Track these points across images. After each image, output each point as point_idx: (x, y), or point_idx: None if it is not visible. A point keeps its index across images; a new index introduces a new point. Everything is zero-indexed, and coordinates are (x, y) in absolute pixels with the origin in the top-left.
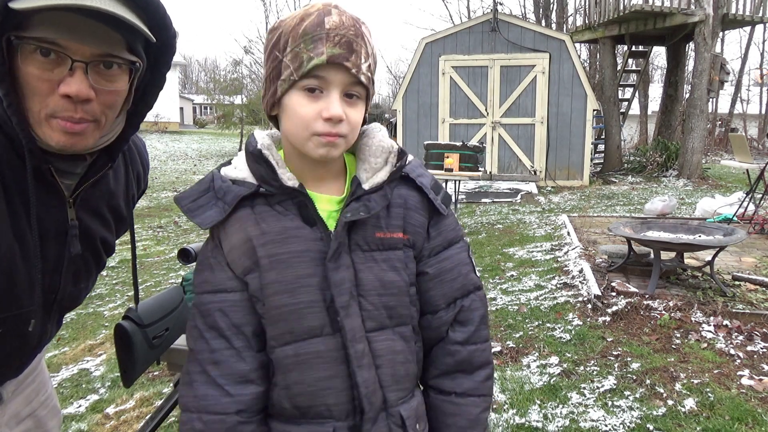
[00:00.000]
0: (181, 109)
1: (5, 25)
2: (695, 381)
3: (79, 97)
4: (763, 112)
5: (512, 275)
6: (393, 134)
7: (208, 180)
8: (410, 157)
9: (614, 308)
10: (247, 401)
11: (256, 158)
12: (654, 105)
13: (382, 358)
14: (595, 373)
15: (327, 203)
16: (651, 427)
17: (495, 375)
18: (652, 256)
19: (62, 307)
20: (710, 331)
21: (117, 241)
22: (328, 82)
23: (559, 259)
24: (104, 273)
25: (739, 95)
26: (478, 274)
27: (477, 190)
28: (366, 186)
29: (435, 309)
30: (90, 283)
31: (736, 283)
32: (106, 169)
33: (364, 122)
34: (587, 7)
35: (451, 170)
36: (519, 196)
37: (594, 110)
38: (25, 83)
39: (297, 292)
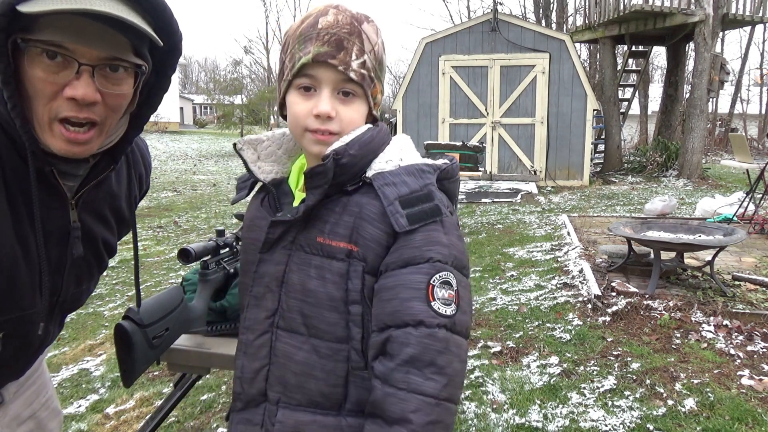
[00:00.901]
0: (181, 109)
1: (12, 27)
2: (695, 381)
3: (86, 101)
4: (763, 112)
5: (512, 275)
6: (393, 134)
7: None
8: (406, 161)
9: (614, 308)
10: None
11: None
12: (654, 105)
13: (276, 358)
14: (595, 373)
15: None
16: (651, 427)
17: (495, 375)
18: (652, 256)
19: (64, 309)
20: (710, 331)
21: (117, 242)
22: (318, 80)
23: (559, 259)
24: (104, 273)
25: (739, 95)
26: (440, 307)
27: (477, 190)
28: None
29: (370, 330)
30: (92, 285)
31: (736, 283)
32: (109, 171)
33: (376, 121)
34: (587, 7)
35: None
36: (519, 196)
37: (594, 110)
38: (30, 85)
39: (245, 274)
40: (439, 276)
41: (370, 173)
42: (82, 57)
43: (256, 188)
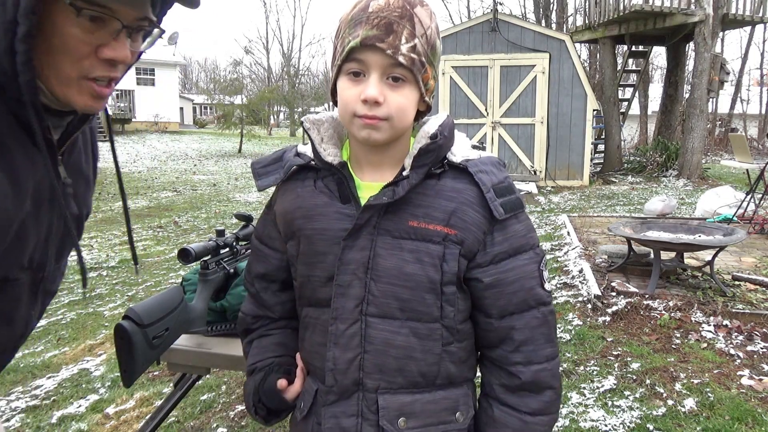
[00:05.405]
0: (181, 109)
1: None
2: (695, 381)
3: (125, 62)
4: (763, 112)
5: None
6: None
7: (282, 151)
8: (482, 153)
9: (614, 308)
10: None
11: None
12: (654, 105)
13: (372, 345)
14: (595, 373)
15: (368, 190)
16: (651, 427)
17: None
18: (652, 256)
19: (45, 291)
20: (710, 331)
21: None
22: (367, 64)
23: (559, 259)
24: (104, 273)
25: (739, 95)
26: (548, 287)
27: None
28: (405, 172)
29: (487, 315)
30: (64, 263)
31: (736, 283)
32: (88, 123)
33: (429, 109)
34: (587, 7)
35: None
36: None
37: (594, 110)
38: (61, 42)
39: (313, 267)
40: (543, 261)
41: (456, 159)
42: (123, 18)
43: (290, 171)
